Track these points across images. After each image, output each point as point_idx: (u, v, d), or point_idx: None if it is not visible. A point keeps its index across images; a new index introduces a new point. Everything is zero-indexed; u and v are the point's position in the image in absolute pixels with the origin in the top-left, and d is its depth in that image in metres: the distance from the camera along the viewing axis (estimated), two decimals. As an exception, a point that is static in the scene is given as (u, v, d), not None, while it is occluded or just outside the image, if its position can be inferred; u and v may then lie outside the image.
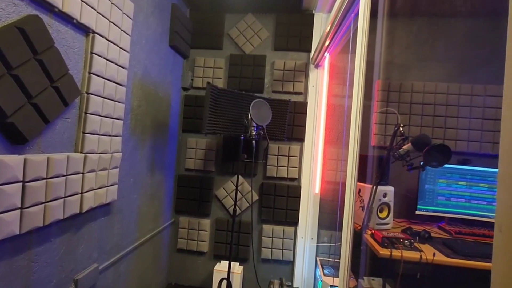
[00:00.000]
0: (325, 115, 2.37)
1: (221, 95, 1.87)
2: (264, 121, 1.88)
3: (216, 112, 1.85)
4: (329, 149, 2.37)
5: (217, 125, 1.85)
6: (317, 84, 2.36)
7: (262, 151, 2.30)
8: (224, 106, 1.89)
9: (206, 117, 1.75)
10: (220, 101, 1.87)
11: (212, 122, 1.82)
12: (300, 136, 2.27)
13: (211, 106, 1.80)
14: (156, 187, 1.91)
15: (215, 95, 1.84)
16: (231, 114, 1.92)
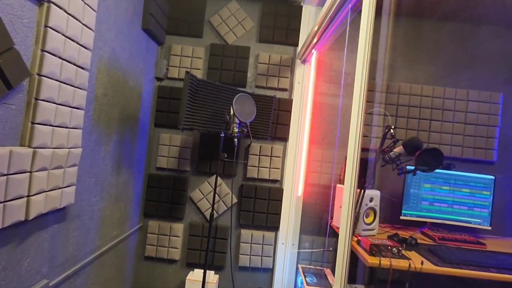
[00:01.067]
0: (311, 114, 2.33)
1: (201, 86, 1.82)
2: (248, 117, 1.86)
3: (195, 106, 1.79)
4: (313, 150, 2.33)
5: (195, 120, 1.80)
6: (303, 81, 2.32)
7: (243, 150, 2.26)
8: (203, 99, 1.83)
9: (183, 110, 1.68)
10: (200, 93, 1.81)
11: (189, 117, 1.76)
12: (283, 136, 2.25)
13: (189, 99, 1.73)
14: (122, 187, 1.79)
15: (194, 86, 1.78)
16: (211, 109, 1.87)
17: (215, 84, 1.88)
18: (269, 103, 2.11)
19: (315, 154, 2.32)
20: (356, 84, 1.13)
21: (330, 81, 2.33)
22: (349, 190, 1.08)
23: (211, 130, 1.88)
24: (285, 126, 2.26)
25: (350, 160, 1.10)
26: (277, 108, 2.25)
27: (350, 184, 1.08)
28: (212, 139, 2.23)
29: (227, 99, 1.96)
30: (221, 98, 1.93)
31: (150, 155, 2.24)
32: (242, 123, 1.81)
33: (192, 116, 1.79)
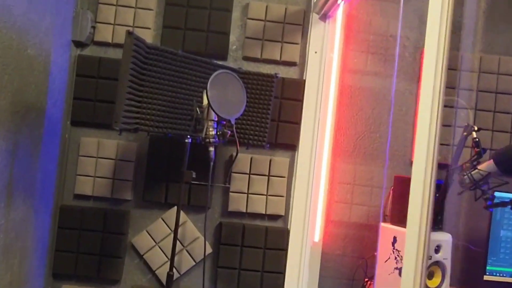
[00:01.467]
0: (335, 105, 2.30)
1: (152, 58, 1.84)
2: (232, 111, 1.87)
3: (142, 91, 1.83)
4: (340, 165, 2.31)
5: (142, 116, 1.84)
6: (323, 50, 2.26)
7: (223, 165, 2.31)
8: (156, 81, 1.87)
9: (122, 98, 1.68)
10: (150, 69, 1.84)
11: (133, 109, 1.79)
12: (290, 141, 2.30)
13: (133, 78, 1.75)
14: (15, 230, 1.78)
15: (141, 58, 1.79)
16: (169, 97, 1.92)
17: (176, 54, 1.89)
18: (267, 88, 2.12)
19: (342, 172, 2.29)
20: (429, 58, 1.09)
21: (368, 50, 2.32)
22: (415, 238, 1.03)
23: (169, 132, 1.90)
24: (293, 126, 2.29)
25: (418, 186, 1.05)
26: (280, 96, 2.27)
27: (416, 227, 1.04)
28: (170, 148, 2.25)
29: (197, 81, 1.98)
30: (186, 78, 1.95)
31: (64, 174, 2.25)
32: (222, 120, 1.84)
33: (137, 109, 1.80)
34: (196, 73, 1.99)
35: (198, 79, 1.99)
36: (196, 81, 1.99)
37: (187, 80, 1.97)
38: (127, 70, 1.71)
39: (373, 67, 2.35)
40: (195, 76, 1.99)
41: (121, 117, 1.71)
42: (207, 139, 1.84)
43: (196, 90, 1.98)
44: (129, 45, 1.69)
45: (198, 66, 1.99)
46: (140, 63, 1.80)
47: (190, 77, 1.98)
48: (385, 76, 2.34)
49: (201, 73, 1.99)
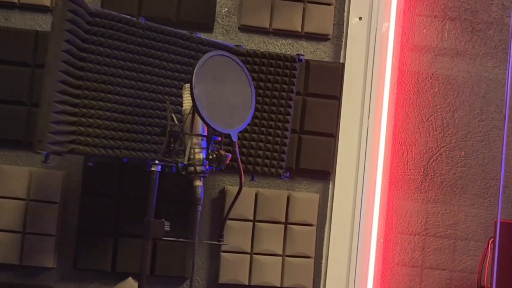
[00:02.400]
0: (394, 104, 2.34)
1: (98, 33, 1.89)
2: (234, 120, 1.90)
3: (81, 88, 1.87)
4: (403, 203, 2.34)
5: (80, 129, 1.87)
6: (372, 14, 2.33)
7: (209, 206, 2.35)
8: (104, 71, 1.93)
9: (49, 101, 1.75)
10: (94, 52, 1.89)
11: (66, 119, 1.82)
12: (321, 166, 2.37)
13: (67, 68, 1.80)
14: None
15: (80, 33, 1.83)
16: (124, 96, 1.97)
17: (136, 25, 1.96)
18: (285, 79, 2.20)
19: (406, 214, 2.33)
20: None
21: (446, 14, 2.36)
22: None
23: (124, 155, 1.96)
24: (325, 141, 2.37)
25: None
26: (304, 91, 2.36)
27: None
28: (125, 180, 2.32)
29: (173, 69, 2.03)
30: (153, 65, 2.00)
31: None
32: (216, 135, 1.91)
33: (73, 117, 1.83)
34: (170, 57, 2.02)
35: (174, 66, 2.01)
36: (171, 70, 2.01)
37: (155, 69, 2.00)
38: (58, 54, 1.74)
39: (454, 42, 2.36)
40: (169, 61, 2.02)
41: (48, 133, 1.72)
42: (191, 168, 1.83)
43: (170, 85, 2.00)
44: (61, 11, 1.72)
45: (173, 45, 2.03)
46: (80, 41, 1.83)
47: (160, 64, 2.01)
48: (473, 55, 2.36)
49: (178, 56, 2.01)
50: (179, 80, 1.99)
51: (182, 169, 1.85)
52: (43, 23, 2.35)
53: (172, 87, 2.01)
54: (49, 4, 2.31)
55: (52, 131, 1.74)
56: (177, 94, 1.97)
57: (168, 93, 2.00)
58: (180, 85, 1.95)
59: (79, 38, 1.82)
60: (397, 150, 2.38)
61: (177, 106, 1.96)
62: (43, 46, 2.21)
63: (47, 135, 1.72)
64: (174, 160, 1.88)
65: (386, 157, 2.36)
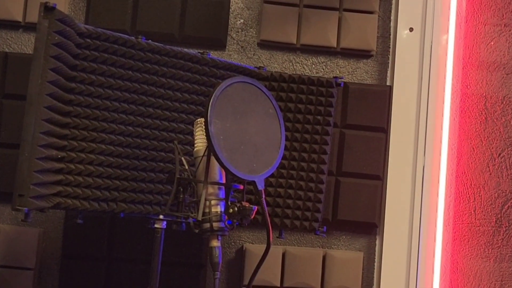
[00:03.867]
0: (456, 136, 2.37)
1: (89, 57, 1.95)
2: (259, 164, 1.90)
3: (67, 126, 1.93)
4: (471, 262, 2.34)
5: (67, 178, 1.92)
6: (425, 25, 2.37)
7: (229, 270, 2.36)
8: (96, 104, 1.98)
9: (32, 143, 1.77)
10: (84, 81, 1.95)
11: (51, 167, 1.86)
12: (365, 217, 2.39)
13: (55, 102, 1.84)
14: None
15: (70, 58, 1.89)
16: (121, 135, 2.03)
17: (135, 46, 2.01)
18: (319, 107, 2.21)
19: (475, 276, 2.33)
20: None
21: None
22: None
23: (121, 209, 1.98)
24: (369, 184, 2.40)
25: None
26: (341, 121, 2.40)
27: None
28: (119, 240, 2.34)
29: (180, 100, 2.06)
30: (156, 95, 2.05)
31: None
32: (237, 184, 1.90)
33: (58, 164, 1.88)
34: (178, 84, 2.05)
35: (183, 96, 2.03)
36: (178, 101, 2.03)
37: (159, 100, 2.03)
38: (43, 86, 1.78)
39: None
40: (176, 90, 2.04)
41: (31, 185, 1.74)
42: (206, 224, 1.84)
43: (178, 120, 2.02)
44: (47, 33, 1.78)
45: (181, 69, 2.05)
46: (68, 69, 1.88)
47: (166, 94, 2.04)
48: None
49: (187, 83, 2.04)
50: (189, 114, 2.01)
51: (195, 225, 1.85)
52: (13, 43, 2.40)
53: (180, 123, 2.02)
54: (21, 19, 2.36)
55: (36, 182, 1.74)
56: (187, 131, 1.98)
57: (175, 130, 2.01)
58: (191, 120, 1.96)
59: (67, 66, 1.86)
60: (462, 195, 2.36)
61: (186, 146, 1.97)
62: (13, 71, 2.30)
63: (30, 187, 1.72)
64: (185, 214, 1.88)
65: (447, 205, 2.34)
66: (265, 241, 2.20)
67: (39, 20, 1.80)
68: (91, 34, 1.92)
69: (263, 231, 2.26)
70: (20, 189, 1.75)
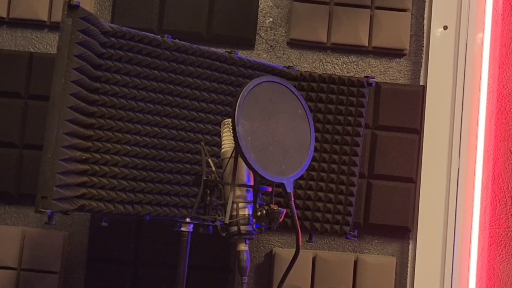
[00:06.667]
0: (493, 139, 2.33)
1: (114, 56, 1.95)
2: (288, 166, 1.86)
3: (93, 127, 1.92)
4: (508, 268, 2.30)
5: (92, 180, 1.90)
6: (461, 23, 2.32)
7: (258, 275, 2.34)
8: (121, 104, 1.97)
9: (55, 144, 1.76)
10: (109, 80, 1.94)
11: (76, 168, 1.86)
12: (397, 220, 2.36)
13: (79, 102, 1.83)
14: None
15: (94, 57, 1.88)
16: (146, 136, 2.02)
17: (161, 45, 2.00)
18: (350, 107, 2.19)
19: None
20: None
21: None
22: None
23: (148, 212, 1.97)
24: (402, 187, 2.37)
25: None
26: (373, 122, 2.37)
27: None
28: (146, 241, 2.33)
29: (207, 100, 2.04)
30: (182, 95, 2.03)
31: None
32: (265, 185, 1.88)
33: (83, 165, 1.87)
34: (205, 84, 2.03)
35: (210, 96, 2.02)
36: (205, 102, 2.02)
37: (186, 100, 2.02)
38: (66, 86, 1.77)
39: None
40: (203, 90, 2.03)
41: (54, 187, 1.71)
42: (234, 227, 1.81)
43: (205, 120, 2.01)
44: (70, 32, 1.76)
45: (208, 69, 2.03)
46: (92, 68, 1.87)
47: (192, 94, 2.04)
48: None
49: (214, 83, 2.03)
50: (216, 114, 2.00)
51: (222, 229, 1.82)
52: (38, 43, 2.39)
53: (207, 123, 2.01)
54: (46, 19, 2.36)
55: (59, 184, 1.73)
56: (214, 132, 1.97)
57: (202, 131, 2.00)
58: (218, 121, 1.95)
59: (91, 65, 1.84)
60: (498, 198, 2.34)
61: (213, 147, 1.96)
62: (38, 71, 2.29)
63: (53, 189, 1.70)
64: (212, 217, 1.86)
65: (483, 208, 2.32)
66: (294, 245, 2.19)
67: (63, 18, 1.78)
68: (116, 32, 1.90)
69: (293, 235, 2.25)
70: (43, 191, 1.72)
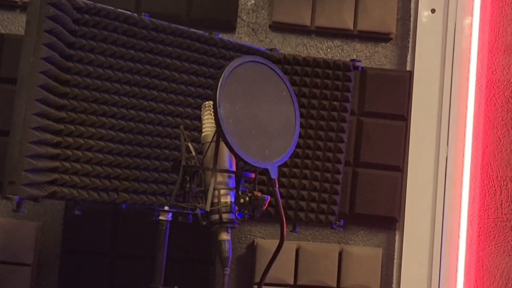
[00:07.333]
0: (482, 126, 2.31)
1: (87, 34, 1.92)
2: (272, 150, 1.86)
3: (64, 108, 1.89)
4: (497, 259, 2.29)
5: (64, 165, 1.87)
6: (449, 6, 2.31)
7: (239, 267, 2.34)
8: (95, 85, 1.94)
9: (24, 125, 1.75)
10: (81, 59, 1.92)
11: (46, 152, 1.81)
12: (385, 211, 2.36)
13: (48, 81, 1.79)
14: None
15: (67, 34, 1.85)
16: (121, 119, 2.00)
17: (138, 24, 1.99)
18: (335, 92, 2.17)
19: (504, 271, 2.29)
20: None
21: None
22: None
23: (123, 199, 1.97)
24: (388, 176, 2.36)
25: None
26: (358, 109, 2.36)
27: None
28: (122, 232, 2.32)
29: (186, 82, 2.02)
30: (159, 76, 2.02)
31: None
32: (248, 171, 1.90)
33: (53, 149, 1.83)
34: (183, 66, 2.01)
35: (189, 78, 2.00)
36: (184, 84, 2.00)
37: (163, 82, 1.99)
38: (36, 63, 1.73)
39: None
40: (181, 72, 2.01)
41: (23, 172, 1.69)
42: (215, 216, 1.78)
43: (184, 103, 1.99)
44: (40, 6, 1.72)
45: (187, 50, 2.01)
46: (64, 45, 1.83)
47: (170, 75, 2.00)
48: None
49: (193, 64, 2.01)
50: (196, 97, 1.99)
51: (203, 217, 1.80)
52: (10, 24, 2.38)
53: (187, 107, 2.00)
54: None
55: (28, 168, 1.70)
56: (193, 116, 1.96)
57: (181, 115, 1.99)
58: (198, 104, 1.93)
59: (63, 42, 1.79)
60: (487, 188, 2.33)
61: (193, 132, 1.94)
62: (9, 53, 2.27)
63: (22, 174, 1.68)
64: (192, 205, 1.84)
65: (472, 198, 2.32)
66: (277, 236, 2.18)
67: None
68: (90, 9, 1.87)
69: (276, 226, 2.24)
70: (11, 175, 1.72)
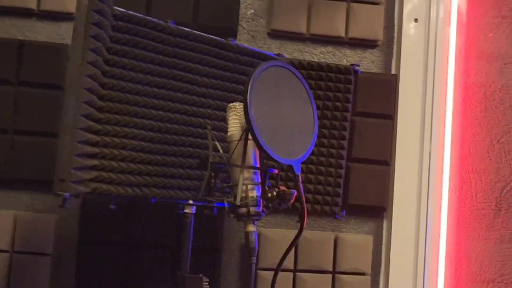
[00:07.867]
0: (460, 122, 2.38)
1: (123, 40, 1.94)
2: (295, 147, 1.88)
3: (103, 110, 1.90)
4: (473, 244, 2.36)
5: (103, 163, 1.89)
6: (430, 15, 2.37)
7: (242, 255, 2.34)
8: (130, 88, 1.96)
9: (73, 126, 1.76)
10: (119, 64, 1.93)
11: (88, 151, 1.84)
12: (374, 201, 2.41)
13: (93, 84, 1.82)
14: None
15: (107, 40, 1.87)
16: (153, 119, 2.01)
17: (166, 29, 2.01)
18: (337, 95, 2.26)
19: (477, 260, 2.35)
20: None
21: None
22: None
23: (154, 194, 1.97)
24: (376, 169, 2.43)
25: None
26: (355, 109, 2.39)
27: None
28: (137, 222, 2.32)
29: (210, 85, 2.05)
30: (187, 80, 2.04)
31: None
32: (273, 168, 1.90)
33: (94, 148, 1.85)
34: (206, 70, 2.05)
35: (211, 82, 2.03)
36: (206, 87, 2.02)
37: (189, 86, 2.03)
38: (83, 67, 1.75)
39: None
40: (203, 75, 2.05)
41: (71, 170, 1.71)
42: (243, 209, 1.81)
43: (210, 106, 2.02)
44: (87, 12, 1.74)
45: (208, 55, 2.05)
46: (105, 51, 1.85)
47: (196, 79, 2.03)
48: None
49: (213, 69, 2.03)
50: (219, 100, 2.00)
51: (230, 210, 1.82)
52: (27, 31, 2.37)
53: (208, 108, 2.02)
54: (35, 7, 2.34)
55: (76, 166, 1.72)
56: (214, 116, 1.98)
57: (207, 116, 2.00)
58: (218, 106, 1.97)
59: (105, 47, 1.83)
60: (464, 179, 2.39)
61: (214, 132, 1.96)
62: (28, 59, 2.27)
63: (71, 172, 1.70)
64: (219, 199, 1.86)
65: (452, 189, 2.37)
66: (278, 226, 2.28)
67: (78, 0, 1.76)
68: (124, 16, 1.90)
69: (276, 216, 2.30)
70: (61, 173, 1.71)
